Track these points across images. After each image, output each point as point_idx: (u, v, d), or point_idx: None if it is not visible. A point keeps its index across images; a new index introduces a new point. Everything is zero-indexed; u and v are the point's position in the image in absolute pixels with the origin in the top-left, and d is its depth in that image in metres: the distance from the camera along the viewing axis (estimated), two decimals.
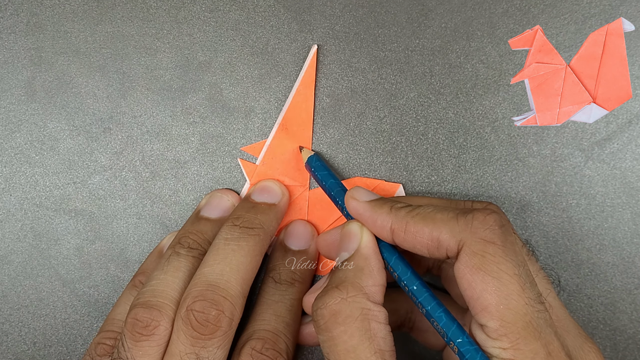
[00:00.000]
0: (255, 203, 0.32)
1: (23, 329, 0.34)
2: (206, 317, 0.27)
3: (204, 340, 0.27)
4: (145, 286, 0.29)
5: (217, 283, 0.28)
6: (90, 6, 0.33)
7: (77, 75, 0.33)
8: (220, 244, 0.30)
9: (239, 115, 0.33)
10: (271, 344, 0.29)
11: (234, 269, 0.29)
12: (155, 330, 0.28)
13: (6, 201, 0.34)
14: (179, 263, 0.30)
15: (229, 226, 0.31)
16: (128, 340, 0.28)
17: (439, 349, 0.31)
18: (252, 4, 0.33)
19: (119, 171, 0.34)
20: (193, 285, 0.28)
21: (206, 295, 0.28)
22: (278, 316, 0.30)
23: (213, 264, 0.29)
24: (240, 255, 0.29)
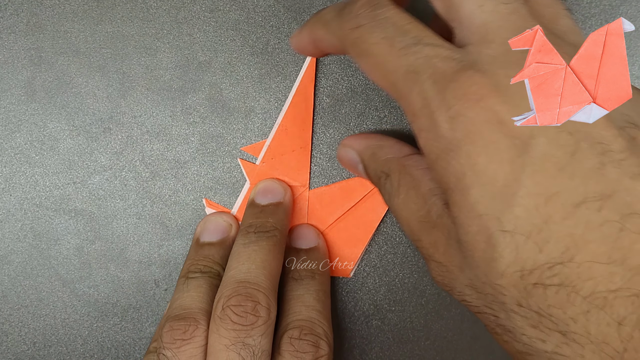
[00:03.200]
0: (262, 207, 0.32)
1: (23, 329, 0.34)
2: (244, 308, 0.27)
3: (247, 330, 0.27)
4: (171, 306, 0.29)
5: (247, 279, 0.28)
6: (90, 6, 0.33)
7: (77, 75, 0.33)
8: (240, 248, 0.30)
9: (239, 115, 0.33)
10: (308, 329, 0.28)
11: (260, 266, 0.29)
12: (195, 332, 0.27)
13: (6, 201, 0.34)
14: (197, 282, 0.30)
15: (244, 234, 0.30)
16: (168, 350, 0.27)
17: None
18: (252, 4, 0.33)
19: (119, 171, 0.34)
20: (223, 288, 0.28)
21: (239, 291, 0.27)
22: (308, 306, 0.30)
23: (237, 265, 0.29)
24: (263, 254, 0.29)
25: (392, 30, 0.23)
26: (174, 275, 0.34)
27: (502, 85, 0.20)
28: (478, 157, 0.20)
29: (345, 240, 0.34)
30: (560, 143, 0.20)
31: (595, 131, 0.20)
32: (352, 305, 0.34)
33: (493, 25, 0.22)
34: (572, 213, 0.19)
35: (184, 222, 0.34)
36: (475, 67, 0.21)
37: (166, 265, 0.34)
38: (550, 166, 0.19)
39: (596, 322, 0.19)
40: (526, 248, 0.19)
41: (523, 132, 0.20)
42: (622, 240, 0.18)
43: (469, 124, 0.20)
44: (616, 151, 0.19)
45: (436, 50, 0.22)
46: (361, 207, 0.33)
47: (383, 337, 0.34)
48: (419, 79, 0.22)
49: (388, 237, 0.34)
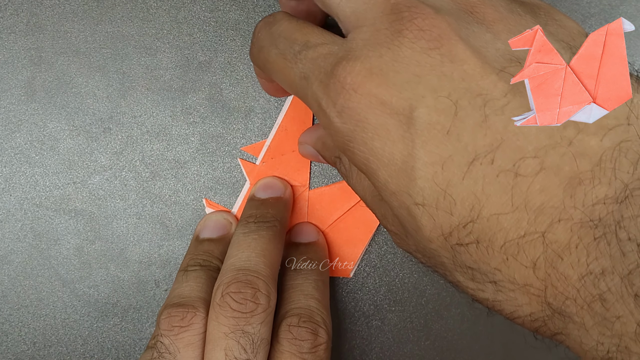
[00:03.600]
0: (262, 200, 0.32)
1: (23, 329, 0.34)
2: (244, 295, 0.27)
3: (247, 318, 0.26)
4: (169, 296, 0.29)
5: (247, 267, 0.28)
6: (90, 6, 0.33)
7: (77, 75, 0.33)
8: (240, 237, 0.30)
9: (239, 115, 0.33)
10: (307, 317, 0.28)
11: (260, 254, 0.29)
12: (193, 319, 0.27)
13: (6, 201, 0.34)
14: (197, 274, 0.30)
15: (244, 224, 0.30)
16: (166, 337, 0.27)
17: None
18: (252, 4, 0.33)
19: (119, 171, 0.34)
20: (222, 275, 0.28)
21: (239, 278, 0.27)
22: (307, 295, 0.30)
23: (237, 253, 0.29)
24: (263, 242, 0.29)
25: (283, 44, 0.24)
26: (174, 275, 0.34)
27: (374, 68, 0.21)
28: (373, 142, 0.21)
29: (345, 240, 0.34)
30: (440, 108, 0.20)
31: (474, 84, 0.20)
32: (352, 305, 0.34)
33: (360, 10, 0.22)
34: (468, 172, 0.19)
35: (184, 222, 0.34)
36: (348, 57, 0.21)
37: (166, 265, 0.34)
38: (437, 133, 0.20)
39: (515, 268, 0.19)
40: (439, 214, 0.20)
41: (404, 106, 0.20)
42: (519, 186, 0.19)
43: (354, 114, 0.21)
44: (498, 98, 0.20)
45: (319, 50, 0.23)
46: (361, 207, 0.33)
47: (383, 337, 0.34)
48: (309, 83, 0.22)
49: (388, 237, 0.34)
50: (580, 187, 0.19)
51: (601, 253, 0.18)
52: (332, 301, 0.34)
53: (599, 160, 0.19)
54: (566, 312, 0.19)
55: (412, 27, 0.21)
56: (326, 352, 0.28)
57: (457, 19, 0.21)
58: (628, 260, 0.17)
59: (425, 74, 0.20)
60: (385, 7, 0.22)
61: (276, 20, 0.25)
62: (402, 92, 0.20)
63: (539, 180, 0.19)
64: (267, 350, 0.27)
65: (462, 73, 0.20)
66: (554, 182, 0.19)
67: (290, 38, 0.24)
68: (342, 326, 0.34)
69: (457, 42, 0.21)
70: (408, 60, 0.21)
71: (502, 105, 0.20)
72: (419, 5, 0.21)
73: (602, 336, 0.18)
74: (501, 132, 0.19)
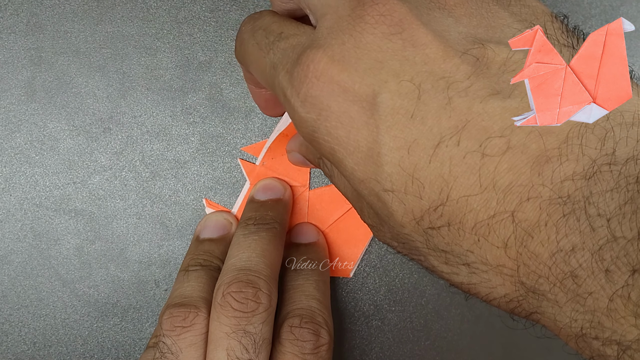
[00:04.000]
0: (262, 202, 0.32)
1: (23, 329, 0.34)
2: (245, 295, 0.26)
3: (249, 317, 0.26)
4: (171, 296, 0.29)
5: (248, 267, 0.28)
6: (90, 6, 0.33)
7: (77, 75, 0.33)
8: (240, 239, 0.30)
9: (239, 115, 0.33)
10: (309, 318, 0.28)
11: (260, 255, 0.29)
12: (195, 319, 0.27)
13: (6, 201, 0.34)
14: (198, 274, 0.30)
15: (244, 226, 0.30)
16: (168, 338, 0.27)
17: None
18: (252, 4, 0.33)
19: (119, 171, 0.34)
20: (223, 275, 0.28)
21: (240, 278, 0.27)
22: (308, 295, 0.30)
23: (237, 254, 0.29)
24: (263, 243, 0.29)
25: (260, 35, 0.24)
26: (174, 275, 0.34)
27: (336, 55, 0.21)
28: (337, 130, 0.21)
29: (345, 240, 0.34)
30: (403, 92, 0.20)
31: (436, 67, 0.20)
32: (352, 305, 0.34)
33: (325, 0, 0.22)
34: (435, 155, 0.19)
35: (184, 222, 0.34)
36: (312, 45, 0.21)
37: (166, 265, 0.34)
38: (401, 117, 0.20)
39: (487, 249, 0.19)
40: (408, 199, 0.20)
41: (367, 92, 0.20)
42: (487, 166, 0.19)
43: (317, 102, 0.21)
44: (461, 80, 0.20)
45: (290, 40, 0.23)
46: None
47: (383, 337, 0.34)
48: (277, 72, 0.22)
49: None
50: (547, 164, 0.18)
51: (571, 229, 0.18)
52: (332, 301, 0.34)
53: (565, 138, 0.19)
54: (539, 290, 0.19)
55: (373, 13, 0.21)
56: (328, 352, 0.28)
57: (417, 5, 0.21)
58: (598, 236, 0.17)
59: (387, 59, 0.20)
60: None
61: (261, 15, 0.25)
62: (364, 78, 0.20)
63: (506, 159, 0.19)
64: (268, 350, 0.27)
65: (424, 57, 0.20)
66: (521, 161, 0.19)
67: (267, 29, 0.24)
68: (342, 326, 0.34)
69: (418, 26, 0.20)
70: (370, 46, 0.21)
71: (465, 87, 0.19)
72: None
73: (575, 312, 0.18)
74: (465, 113, 0.19)
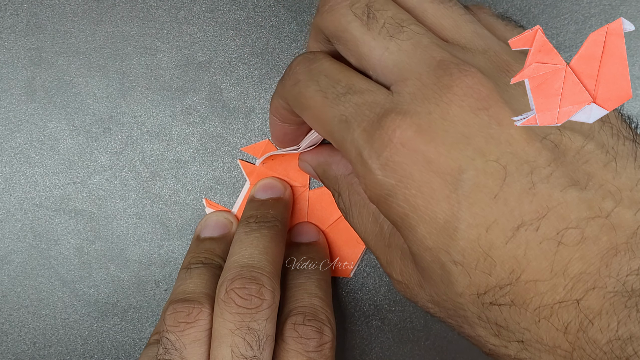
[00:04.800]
0: (262, 201, 0.32)
1: (23, 329, 0.34)
2: (248, 291, 0.26)
3: (252, 314, 0.26)
4: (174, 292, 0.29)
5: (251, 264, 0.28)
6: (90, 6, 0.33)
7: (77, 75, 0.33)
8: (242, 236, 0.30)
9: (239, 115, 0.33)
10: (312, 315, 0.28)
11: (262, 251, 0.29)
12: (199, 315, 0.27)
13: (6, 201, 0.34)
14: (200, 271, 0.30)
15: (245, 224, 0.30)
16: (172, 334, 0.27)
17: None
18: (252, 4, 0.33)
19: (119, 171, 0.34)
20: (226, 272, 0.28)
21: (243, 274, 0.27)
22: (310, 293, 0.30)
23: (240, 251, 0.29)
24: (265, 240, 0.29)
25: (324, 82, 0.24)
26: (174, 275, 0.34)
27: (423, 124, 0.21)
28: (415, 199, 0.21)
29: (345, 240, 0.34)
30: (489, 171, 0.20)
31: (520, 149, 0.20)
32: (352, 305, 0.34)
33: (404, 64, 0.22)
34: (512, 237, 0.20)
35: (184, 222, 0.34)
36: (396, 110, 0.21)
37: (166, 265, 0.34)
38: (484, 196, 0.20)
39: (546, 330, 0.20)
40: (477, 273, 0.20)
41: (452, 167, 0.20)
42: (561, 254, 0.19)
43: (399, 169, 0.21)
44: (543, 166, 0.20)
45: (364, 97, 0.23)
46: None
47: (383, 337, 0.34)
48: (349, 128, 0.22)
49: None
50: (616, 257, 0.19)
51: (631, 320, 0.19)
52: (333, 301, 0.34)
53: (633, 233, 0.20)
54: None
55: (461, 85, 0.21)
56: (331, 350, 0.28)
57: (497, 81, 0.22)
58: None
59: (473, 135, 0.21)
60: (431, 63, 0.22)
61: (317, 58, 0.25)
62: (450, 151, 0.20)
63: (579, 249, 0.19)
64: (272, 347, 0.27)
65: (508, 137, 0.20)
66: (592, 252, 0.19)
67: (333, 78, 0.24)
68: (342, 326, 0.34)
69: (502, 104, 0.21)
70: (457, 119, 0.21)
71: (547, 174, 0.20)
72: (466, 64, 0.22)
73: None
74: (546, 200, 0.20)
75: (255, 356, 0.26)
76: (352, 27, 0.24)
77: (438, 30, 0.24)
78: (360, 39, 0.23)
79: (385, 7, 0.24)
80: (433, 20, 0.24)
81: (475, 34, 0.24)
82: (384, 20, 0.23)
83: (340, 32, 0.24)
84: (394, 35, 0.23)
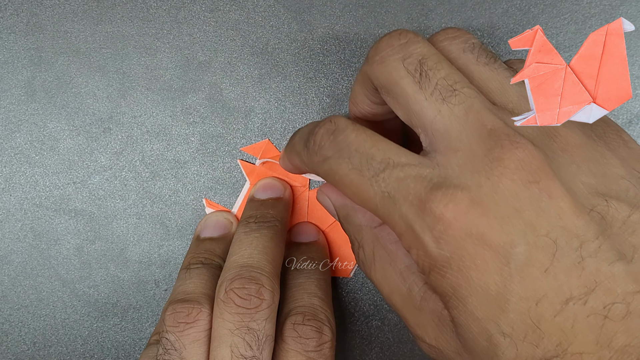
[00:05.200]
0: (262, 200, 0.32)
1: (23, 329, 0.34)
2: (248, 291, 0.27)
3: (252, 314, 0.26)
4: (173, 292, 0.29)
5: (250, 264, 0.28)
6: (90, 6, 0.33)
7: (77, 75, 0.33)
8: (242, 236, 0.30)
9: (239, 115, 0.33)
10: (311, 315, 0.28)
11: (262, 251, 0.29)
12: (199, 315, 0.27)
13: (6, 201, 0.34)
14: (199, 271, 0.30)
15: (245, 224, 0.30)
16: (171, 334, 0.27)
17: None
18: (252, 4, 0.33)
19: (119, 171, 0.34)
20: (225, 272, 0.28)
21: (242, 274, 0.27)
22: (309, 293, 0.30)
23: (239, 251, 0.29)
24: (265, 240, 0.29)
25: (358, 159, 0.24)
26: (174, 275, 0.34)
27: (475, 198, 0.21)
28: (469, 270, 0.21)
29: (346, 240, 0.34)
30: (540, 246, 0.21)
31: (570, 222, 0.21)
32: (352, 305, 0.34)
33: (454, 131, 0.23)
34: (561, 310, 0.20)
35: (184, 222, 0.34)
36: (446, 184, 0.22)
37: (166, 265, 0.34)
38: (535, 270, 0.21)
39: None
40: (524, 346, 0.21)
41: (504, 241, 0.21)
42: (607, 327, 0.20)
43: (453, 242, 0.21)
44: (591, 239, 0.21)
45: (405, 170, 0.23)
46: None
47: (383, 337, 0.34)
48: (395, 203, 0.23)
49: None
50: None
51: None
52: (333, 301, 0.34)
53: None
54: None
55: (512, 157, 0.21)
56: (331, 350, 0.28)
57: (546, 150, 0.22)
58: None
59: (524, 209, 0.21)
60: (482, 132, 0.22)
61: (340, 128, 0.25)
62: (502, 225, 0.21)
63: (624, 323, 0.20)
64: (272, 347, 0.27)
65: (558, 210, 0.21)
66: (637, 325, 0.20)
67: (366, 153, 0.24)
68: (342, 326, 0.34)
69: (552, 177, 0.21)
70: (508, 192, 0.21)
71: (595, 248, 0.20)
72: (517, 135, 0.22)
73: None
74: (594, 274, 0.20)
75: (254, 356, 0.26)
76: (404, 83, 0.24)
77: (485, 94, 0.24)
78: (412, 96, 0.24)
79: (438, 66, 0.24)
80: (479, 82, 0.24)
81: (522, 97, 0.24)
82: (437, 81, 0.23)
83: (391, 86, 0.24)
84: (446, 98, 0.23)
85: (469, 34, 0.26)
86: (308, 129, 0.27)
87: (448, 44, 0.25)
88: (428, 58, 0.24)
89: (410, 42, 0.24)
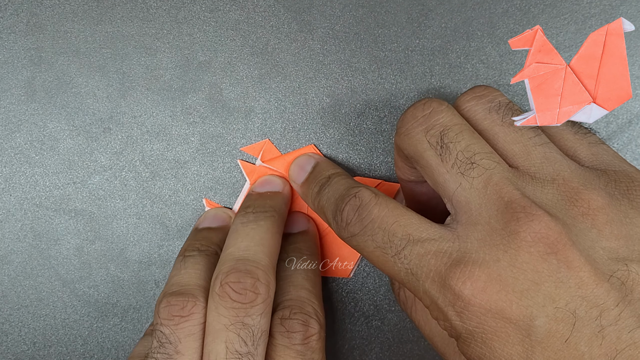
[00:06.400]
0: (260, 193, 0.32)
1: (23, 329, 0.34)
2: (243, 285, 0.27)
3: (247, 309, 0.26)
4: (168, 283, 0.29)
5: (246, 257, 0.28)
6: (90, 6, 0.33)
7: (77, 75, 0.33)
8: (238, 227, 0.30)
9: (239, 115, 0.33)
10: (298, 308, 0.28)
11: (258, 243, 0.29)
12: (193, 309, 0.27)
13: (6, 201, 0.34)
14: (195, 260, 0.30)
15: (242, 214, 0.30)
16: (166, 327, 0.27)
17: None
18: (252, 4, 0.33)
19: (119, 171, 0.34)
20: (221, 264, 0.28)
21: (238, 267, 0.27)
22: (296, 286, 0.30)
23: (235, 243, 0.29)
24: (261, 232, 0.29)
25: (380, 237, 0.24)
26: None
27: (493, 273, 0.22)
28: (492, 342, 0.22)
29: None
30: (559, 318, 0.21)
31: (589, 292, 0.21)
32: (352, 305, 0.34)
33: (475, 204, 0.23)
34: None
35: (184, 222, 0.34)
36: (465, 259, 0.22)
37: (166, 265, 0.34)
38: (555, 341, 0.21)
39: None
40: None
41: (524, 314, 0.21)
42: None
43: (474, 317, 0.22)
44: (611, 307, 0.21)
45: (425, 246, 0.23)
46: None
47: (383, 337, 0.34)
48: (418, 280, 0.23)
49: None
50: None
51: None
52: (333, 301, 0.34)
53: None
54: None
55: (528, 230, 0.22)
56: (319, 342, 0.28)
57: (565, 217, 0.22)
58: None
59: (543, 281, 0.21)
60: (500, 205, 0.23)
61: (364, 204, 0.25)
62: (521, 299, 0.21)
63: None
64: (266, 343, 0.27)
65: (577, 280, 0.21)
66: None
67: (388, 230, 0.24)
68: (342, 326, 0.34)
69: (571, 247, 0.22)
70: (526, 265, 0.22)
71: (615, 316, 0.21)
72: (533, 206, 0.22)
73: None
74: (615, 342, 0.21)
75: (249, 352, 0.26)
76: (428, 156, 0.25)
77: (509, 157, 0.25)
78: (435, 169, 0.24)
79: (458, 137, 0.24)
80: (504, 145, 0.25)
81: (545, 159, 0.24)
82: (456, 154, 0.24)
83: (417, 157, 0.25)
84: (464, 172, 0.24)
85: (497, 92, 0.26)
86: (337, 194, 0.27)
87: (474, 104, 0.26)
88: (450, 129, 0.25)
89: (434, 112, 0.25)
